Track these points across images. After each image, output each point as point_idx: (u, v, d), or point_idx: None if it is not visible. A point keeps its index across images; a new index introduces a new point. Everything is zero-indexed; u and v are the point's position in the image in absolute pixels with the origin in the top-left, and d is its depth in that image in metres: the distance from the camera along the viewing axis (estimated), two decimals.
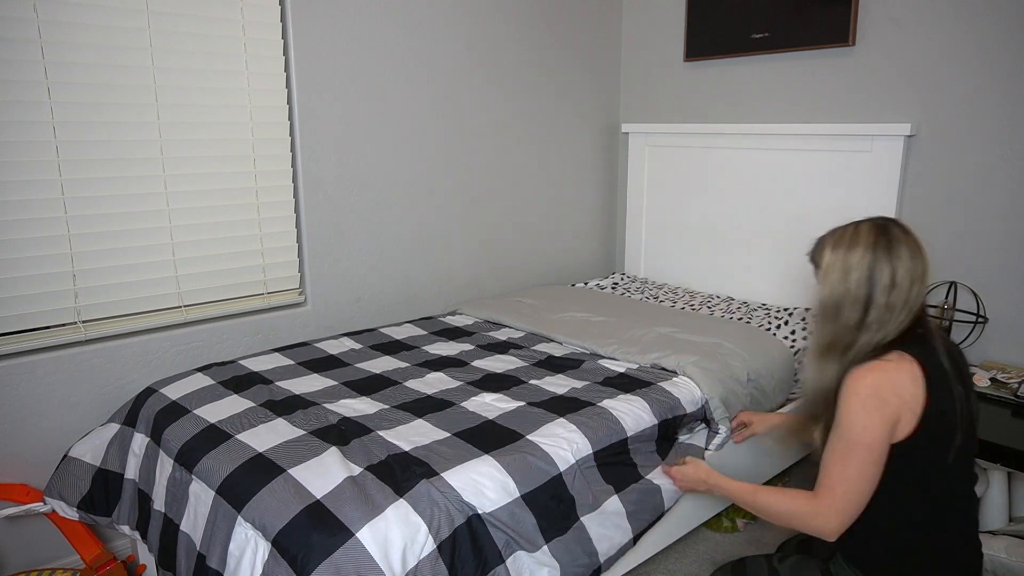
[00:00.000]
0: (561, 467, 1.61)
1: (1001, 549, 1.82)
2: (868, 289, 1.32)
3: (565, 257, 3.36)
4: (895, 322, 1.32)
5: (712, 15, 2.94)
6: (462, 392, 1.93)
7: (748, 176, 2.90)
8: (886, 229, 1.35)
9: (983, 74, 2.29)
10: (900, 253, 1.32)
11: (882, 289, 1.31)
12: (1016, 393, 2.06)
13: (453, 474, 1.50)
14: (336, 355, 2.21)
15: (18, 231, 1.91)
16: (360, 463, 1.54)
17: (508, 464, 1.55)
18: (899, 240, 1.33)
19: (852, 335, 1.34)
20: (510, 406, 1.83)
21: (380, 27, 2.52)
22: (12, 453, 1.98)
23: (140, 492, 1.81)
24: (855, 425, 1.27)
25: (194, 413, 1.79)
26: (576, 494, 1.61)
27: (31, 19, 1.85)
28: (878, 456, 1.27)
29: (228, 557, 1.45)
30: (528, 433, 1.68)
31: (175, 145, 2.14)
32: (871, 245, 1.33)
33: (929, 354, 1.31)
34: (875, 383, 1.27)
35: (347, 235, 2.56)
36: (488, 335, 2.45)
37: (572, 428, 1.71)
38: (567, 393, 1.92)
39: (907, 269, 1.31)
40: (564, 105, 3.19)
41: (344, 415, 1.76)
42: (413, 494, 1.43)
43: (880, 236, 1.34)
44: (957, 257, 2.42)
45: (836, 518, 1.31)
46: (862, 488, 1.29)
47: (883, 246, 1.32)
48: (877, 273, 1.31)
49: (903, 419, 1.27)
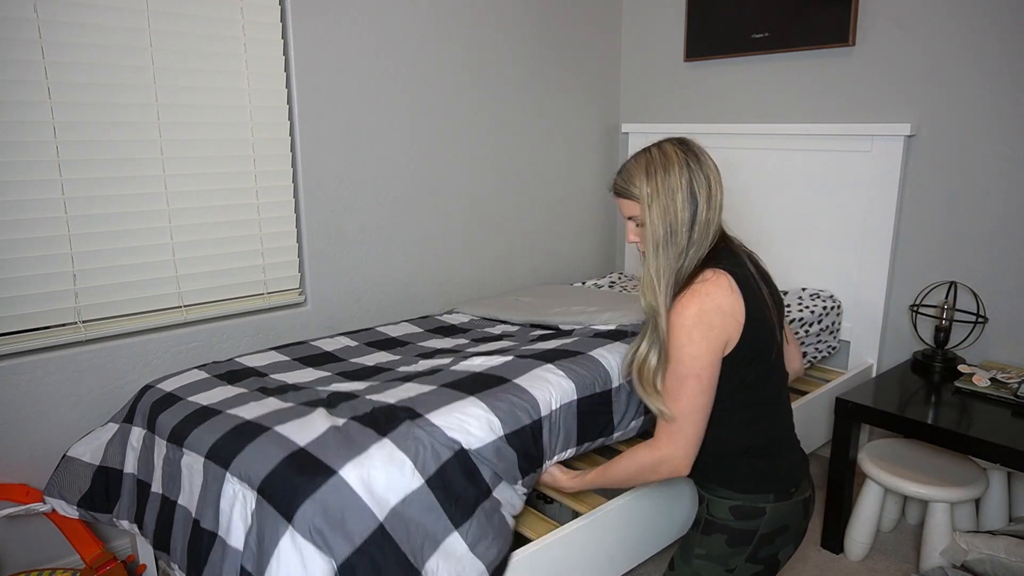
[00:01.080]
0: (543, 411, 1.64)
1: (1001, 549, 1.82)
2: (693, 206, 1.32)
3: (564, 257, 3.36)
4: (713, 235, 1.35)
5: (712, 15, 2.94)
6: (452, 362, 1.95)
7: (748, 176, 2.90)
8: (684, 142, 1.37)
9: (983, 74, 2.29)
10: (706, 162, 1.35)
11: (704, 202, 1.32)
12: (1016, 393, 2.06)
13: (438, 415, 1.53)
14: (331, 351, 2.22)
15: (18, 231, 1.91)
16: (345, 416, 1.57)
17: (493, 404, 1.58)
18: (700, 150, 1.36)
19: (683, 257, 1.33)
20: (499, 361, 1.85)
21: (380, 27, 2.52)
22: (12, 453, 1.98)
23: (139, 483, 1.82)
24: (683, 357, 1.28)
25: (187, 399, 1.80)
26: (549, 437, 1.64)
27: (31, 19, 1.85)
28: (708, 383, 1.29)
29: (220, 515, 1.46)
30: (515, 378, 1.71)
31: (175, 145, 2.14)
32: (684, 162, 1.33)
33: (737, 264, 1.34)
34: (698, 309, 1.27)
35: (347, 235, 2.56)
36: (483, 330, 2.46)
37: (560, 374, 1.73)
38: (558, 347, 1.93)
39: (716, 178, 1.35)
40: (564, 105, 3.19)
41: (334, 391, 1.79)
42: (396, 434, 1.45)
43: (687, 151, 1.35)
44: (957, 257, 2.42)
45: (681, 454, 1.33)
46: (698, 418, 1.31)
47: (693, 159, 1.34)
48: (697, 187, 1.32)
49: (731, 336, 1.28)
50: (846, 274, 2.66)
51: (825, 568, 2.15)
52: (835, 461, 2.17)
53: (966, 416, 1.99)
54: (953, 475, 2.05)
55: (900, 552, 2.23)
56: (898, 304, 2.59)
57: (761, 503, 1.36)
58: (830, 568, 2.15)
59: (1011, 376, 2.18)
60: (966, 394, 2.14)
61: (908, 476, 2.04)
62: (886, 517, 2.32)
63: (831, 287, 2.72)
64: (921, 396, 2.15)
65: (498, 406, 1.58)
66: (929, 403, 2.10)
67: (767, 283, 1.38)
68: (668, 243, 1.33)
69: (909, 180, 2.50)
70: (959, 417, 1.98)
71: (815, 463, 2.79)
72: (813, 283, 2.77)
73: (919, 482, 2.01)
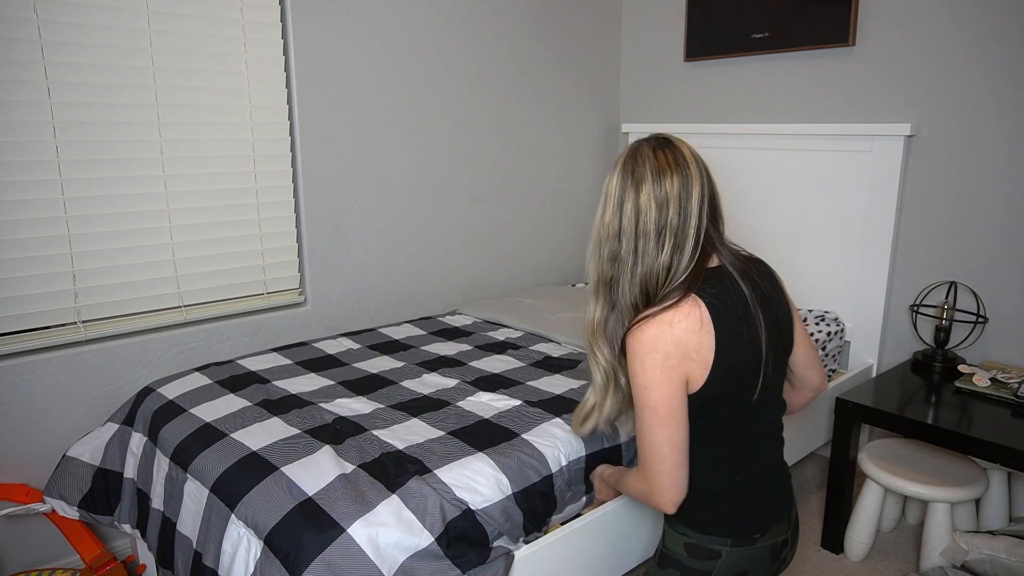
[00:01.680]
0: (553, 468, 1.61)
1: (1001, 549, 1.82)
2: (619, 217, 1.19)
3: (565, 257, 3.36)
4: (689, 251, 1.18)
5: (712, 15, 2.94)
6: (458, 392, 1.93)
7: (748, 176, 2.90)
8: (658, 141, 1.22)
9: (983, 74, 2.29)
10: (672, 166, 1.18)
11: (652, 211, 1.17)
12: (1016, 393, 2.06)
13: (447, 471, 1.50)
14: (334, 355, 2.21)
15: (18, 231, 1.91)
16: (353, 461, 1.54)
17: (502, 462, 1.56)
18: (672, 153, 1.19)
19: (613, 270, 1.22)
20: (507, 405, 1.83)
21: (380, 27, 2.52)
22: (12, 453, 1.98)
23: (139, 491, 1.82)
24: (638, 386, 1.17)
25: (190, 412, 1.79)
26: (559, 494, 1.62)
27: (31, 19, 1.85)
28: (667, 416, 1.15)
29: (222, 555, 1.45)
30: (523, 432, 1.68)
31: (175, 145, 2.14)
32: (623, 165, 1.21)
33: (723, 293, 1.18)
34: (653, 338, 1.14)
35: (347, 235, 2.56)
36: (486, 335, 2.45)
37: (567, 429, 1.71)
38: (565, 393, 1.92)
39: (686, 184, 1.17)
40: (564, 105, 3.19)
41: (340, 415, 1.77)
42: (405, 490, 1.43)
43: (631, 154, 1.21)
44: (957, 257, 2.42)
45: (656, 492, 1.20)
46: (663, 453, 1.16)
47: (643, 162, 1.19)
48: (632, 195, 1.18)
49: (692, 375, 1.15)
50: (846, 274, 2.66)
51: (825, 568, 2.15)
52: (835, 461, 2.17)
53: (966, 416, 1.99)
54: (953, 475, 2.05)
55: (900, 552, 2.23)
56: (898, 304, 2.59)
57: (717, 545, 1.25)
58: (830, 568, 2.14)
59: (1011, 376, 2.18)
60: (966, 394, 2.14)
61: (908, 476, 2.04)
62: (886, 517, 2.32)
63: (831, 287, 2.71)
64: (921, 396, 2.15)
65: (507, 464, 1.56)
66: (929, 403, 2.09)
67: (771, 307, 1.24)
68: (595, 254, 1.24)
69: (909, 180, 2.50)
70: (959, 417, 1.98)
71: (815, 463, 2.78)
72: (813, 283, 2.77)
73: (919, 482, 2.01)
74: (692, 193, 1.18)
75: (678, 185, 1.17)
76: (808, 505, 2.49)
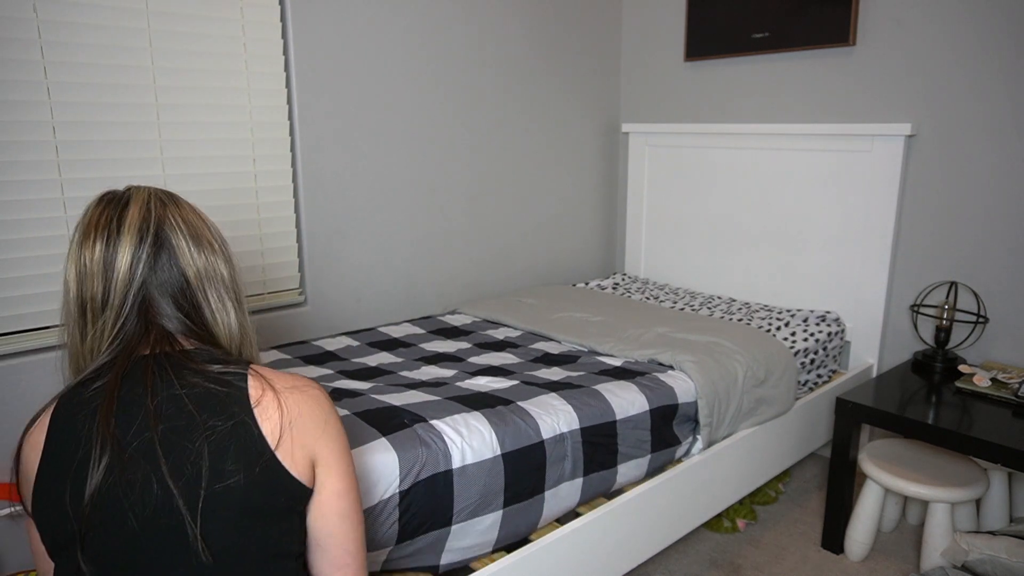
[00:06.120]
0: (545, 435, 1.64)
1: (1001, 549, 1.82)
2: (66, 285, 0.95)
3: (565, 257, 3.36)
4: (110, 331, 0.92)
5: (712, 15, 2.94)
6: (456, 378, 1.96)
7: (748, 176, 2.90)
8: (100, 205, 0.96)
9: (984, 74, 2.28)
10: (91, 240, 0.92)
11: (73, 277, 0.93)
12: (1017, 393, 2.06)
13: (441, 423, 1.55)
14: (333, 351, 2.22)
15: (18, 231, 1.91)
16: (348, 409, 1.60)
17: (495, 421, 1.59)
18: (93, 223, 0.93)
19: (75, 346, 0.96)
20: (504, 384, 1.87)
21: (380, 27, 2.52)
22: (11, 453, 1.98)
23: None
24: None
25: None
26: (550, 466, 1.64)
27: (31, 19, 1.85)
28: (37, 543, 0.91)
29: None
30: (519, 400, 1.72)
31: (175, 145, 2.14)
32: None
33: (86, 402, 0.87)
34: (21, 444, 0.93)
35: (347, 235, 2.56)
36: (485, 334, 2.46)
37: (563, 401, 1.74)
38: (562, 380, 1.95)
39: (89, 261, 0.91)
40: (564, 105, 3.18)
41: (336, 387, 1.81)
42: (398, 436, 1.47)
43: None
44: (957, 257, 2.41)
45: None
46: None
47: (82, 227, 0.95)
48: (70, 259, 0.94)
49: (27, 498, 0.93)
50: (846, 274, 2.66)
51: (825, 568, 2.14)
52: (835, 461, 2.17)
53: (967, 416, 1.99)
54: (954, 475, 2.05)
55: (900, 552, 2.22)
56: (898, 304, 2.59)
57: None
58: (830, 568, 2.14)
59: (1012, 376, 2.18)
60: (967, 394, 2.13)
61: (908, 476, 2.04)
62: (886, 517, 2.32)
63: (831, 287, 2.71)
64: (922, 396, 2.15)
65: (499, 424, 1.60)
66: (930, 403, 2.09)
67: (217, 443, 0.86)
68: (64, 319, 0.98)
69: (909, 180, 2.49)
70: (960, 417, 1.98)
71: (815, 463, 2.78)
72: (814, 283, 2.77)
73: (919, 482, 2.01)
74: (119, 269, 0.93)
75: (102, 257, 0.93)
76: (808, 505, 2.48)
